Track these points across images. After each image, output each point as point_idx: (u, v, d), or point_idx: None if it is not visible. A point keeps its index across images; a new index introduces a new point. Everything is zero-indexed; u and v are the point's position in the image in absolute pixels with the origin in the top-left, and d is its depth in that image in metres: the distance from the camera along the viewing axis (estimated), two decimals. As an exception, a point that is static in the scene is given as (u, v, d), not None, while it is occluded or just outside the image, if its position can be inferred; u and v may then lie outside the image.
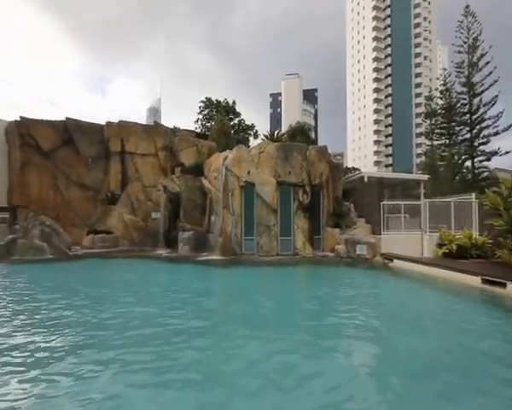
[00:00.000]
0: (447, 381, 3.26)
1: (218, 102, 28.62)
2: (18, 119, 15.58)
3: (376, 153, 76.92)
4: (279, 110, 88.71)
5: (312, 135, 42.38)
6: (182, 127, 20.50)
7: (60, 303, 6.14)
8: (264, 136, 16.50)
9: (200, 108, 28.36)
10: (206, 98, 28.71)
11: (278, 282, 9.15)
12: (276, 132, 16.49)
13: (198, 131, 24.33)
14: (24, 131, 15.33)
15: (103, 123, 16.44)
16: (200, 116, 28.24)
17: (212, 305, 6.67)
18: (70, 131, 15.92)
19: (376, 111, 77.51)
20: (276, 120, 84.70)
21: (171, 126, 18.98)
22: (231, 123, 26.72)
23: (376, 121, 77.36)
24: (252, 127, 28.51)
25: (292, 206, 12.45)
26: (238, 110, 28.87)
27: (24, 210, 14.66)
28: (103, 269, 11.08)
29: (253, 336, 4.48)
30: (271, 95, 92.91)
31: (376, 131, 77.37)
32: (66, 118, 16.18)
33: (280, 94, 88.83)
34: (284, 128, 33.37)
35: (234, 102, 29.01)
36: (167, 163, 16.21)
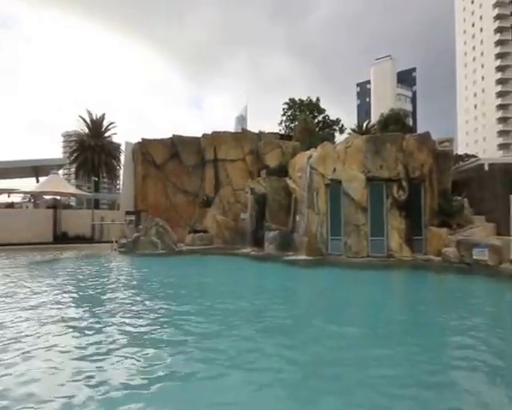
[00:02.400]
0: None
1: (302, 101, 28.44)
2: (140, 140, 19.28)
3: (502, 133, 61.43)
4: (368, 99, 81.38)
5: (409, 122, 37.20)
6: (267, 131, 21.27)
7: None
8: (351, 129, 15.52)
9: (283, 109, 28.79)
10: (290, 99, 28.94)
11: (372, 287, 8.38)
12: (364, 124, 15.27)
13: (282, 132, 24.77)
14: (144, 149, 18.82)
15: (200, 135, 18.65)
16: (284, 118, 28.65)
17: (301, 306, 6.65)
18: (176, 146, 18.68)
19: (501, 81, 61.91)
20: (364, 111, 78.05)
21: (257, 131, 19.92)
22: (315, 120, 26.14)
23: (501, 94, 61.79)
24: (337, 122, 27.15)
25: (385, 203, 11.23)
26: (322, 106, 28.00)
27: (145, 213, 18.02)
28: (205, 264, 12.55)
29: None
30: (358, 84, 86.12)
31: (501, 107, 61.82)
32: (173, 135, 19.06)
33: (368, 82, 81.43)
34: (374, 118, 30.41)
35: (317, 99, 28.28)
36: (254, 166, 17.13)
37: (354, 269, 10.02)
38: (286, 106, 28.74)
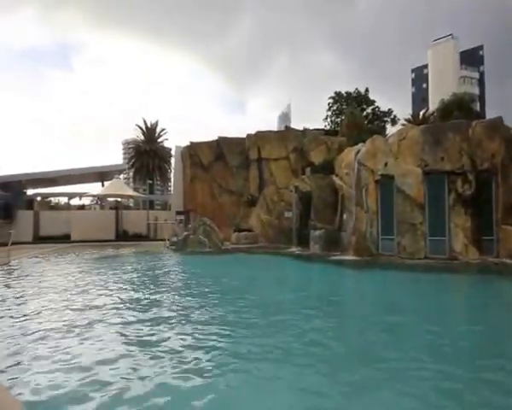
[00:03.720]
0: None
1: (348, 94, 27.08)
2: (188, 143, 20.33)
3: None
4: (425, 86, 73.80)
5: (476, 107, 32.92)
6: (311, 128, 20.72)
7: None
8: (406, 120, 14.26)
9: (328, 104, 27.74)
10: (335, 93, 27.76)
11: (447, 294, 7.48)
12: (421, 113, 13.90)
13: (327, 128, 23.90)
14: (192, 152, 19.79)
15: (244, 136, 18.94)
16: (329, 113, 27.58)
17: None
18: (221, 148, 19.26)
19: None
20: (420, 98, 71.07)
21: (301, 129, 19.52)
22: (364, 113, 24.66)
23: None
24: (388, 113, 25.25)
25: (446, 199, 10.04)
26: (372, 98, 26.29)
27: (193, 213, 18.94)
28: (252, 262, 12.64)
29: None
30: (413, 70, 78.59)
31: None
32: (218, 137, 19.69)
33: (425, 66, 73.82)
34: (433, 106, 27.52)
35: (366, 90, 26.62)
36: (298, 164, 16.80)
37: (413, 272, 9.08)
38: (331, 100, 27.65)
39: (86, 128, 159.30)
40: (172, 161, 28.29)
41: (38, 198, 28.01)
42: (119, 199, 25.10)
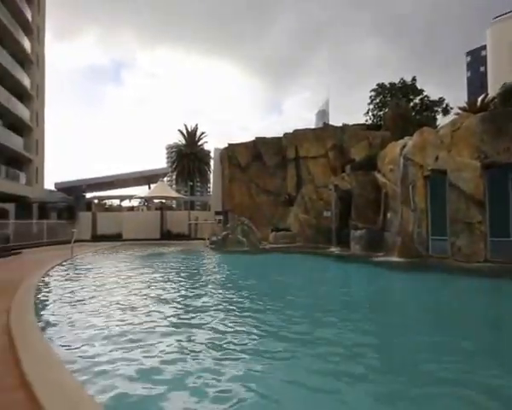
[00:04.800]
0: None
1: (393, 84, 25.36)
2: (226, 145, 20.81)
3: None
4: (482, 69, 66.10)
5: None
6: (351, 123, 19.85)
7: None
8: (460, 108, 12.88)
9: (370, 97, 26.26)
10: (378, 85, 26.17)
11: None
12: (479, 99, 12.45)
13: (369, 123, 22.67)
14: (230, 153, 20.22)
15: (280, 136, 18.82)
16: (371, 106, 26.10)
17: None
18: (258, 148, 19.38)
19: None
20: (477, 84, 63.87)
21: (340, 125, 18.79)
22: (410, 104, 22.92)
23: None
24: (439, 102, 23.13)
25: (511, 195, 8.85)
26: (419, 87, 24.31)
27: (231, 213, 19.33)
28: (294, 262, 12.40)
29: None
30: (469, 53, 70.93)
31: None
32: (256, 137, 19.83)
33: (483, 47, 66.10)
34: (492, 92, 24.54)
35: (413, 79, 24.66)
36: (337, 162, 16.20)
37: (477, 277, 7.95)
38: (373, 93, 26.13)
39: (135, 135, 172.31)
40: (211, 162, 29.21)
41: (95, 201, 30.96)
42: (163, 200, 26.65)
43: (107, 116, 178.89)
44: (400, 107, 17.47)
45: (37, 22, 33.32)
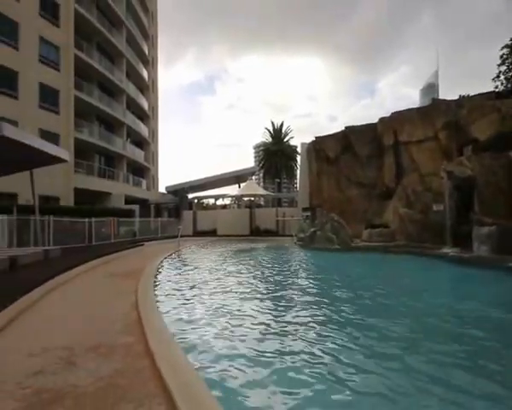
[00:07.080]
0: None
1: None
2: (313, 138, 19.99)
3: None
4: None
5: None
6: (472, 94, 15.99)
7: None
8: None
9: (501, 57, 20.27)
10: (512, 40, 20.09)
11: None
12: None
13: (500, 90, 17.75)
14: (318, 147, 19.31)
15: (375, 122, 16.78)
16: (503, 68, 20.21)
17: None
18: (348, 138, 17.84)
19: None
20: None
21: (456, 98, 15.36)
22: None
23: None
24: None
25: None
26: None
27: (319, 209, 18.40)
28: (400, 264, 10.82)
29: None
30: None
31: None
32: (345, 127, 18.32)
33: None
34: None
35: None
36: (451, 144, 13.24)
37: None
38: (506, 51, 20.10)
39: (227, 140, 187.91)
40: (298, 158, 28.76)
41: (195, 200, 34.97)
42: (252, 198, 27.81)
43: (204, 125, 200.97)
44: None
45: (151, 54, 40.22)
